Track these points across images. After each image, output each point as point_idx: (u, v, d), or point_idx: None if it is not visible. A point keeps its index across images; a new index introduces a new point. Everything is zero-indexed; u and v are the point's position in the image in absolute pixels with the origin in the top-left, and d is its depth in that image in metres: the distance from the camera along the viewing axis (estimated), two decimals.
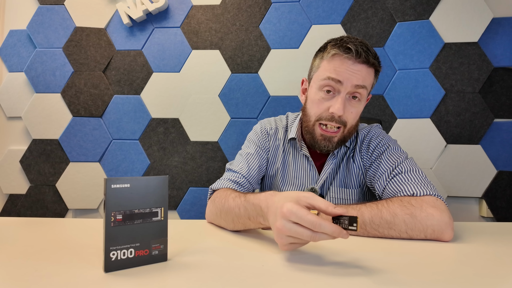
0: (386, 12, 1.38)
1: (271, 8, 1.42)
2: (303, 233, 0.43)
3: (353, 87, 0.72)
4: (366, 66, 0.72)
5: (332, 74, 0.73)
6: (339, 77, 0.72)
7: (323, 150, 0.79)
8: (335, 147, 0.78)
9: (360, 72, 0.72)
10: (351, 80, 0.71)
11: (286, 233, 0.44)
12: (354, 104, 0.75)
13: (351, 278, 0.40)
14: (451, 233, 0.57)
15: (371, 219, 0.60)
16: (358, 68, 0.72)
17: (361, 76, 0.72)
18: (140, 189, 0.44)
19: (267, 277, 0.40)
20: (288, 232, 0.44)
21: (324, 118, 0.75)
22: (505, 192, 1.28)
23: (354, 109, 0.75)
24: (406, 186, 0.67)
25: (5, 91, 1.45)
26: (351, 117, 0.75)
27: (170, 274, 0.41)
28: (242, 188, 0.78)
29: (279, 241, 0.46)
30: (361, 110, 0.78)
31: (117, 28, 1.45)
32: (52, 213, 1.42)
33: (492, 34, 1.31)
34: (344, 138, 0.78)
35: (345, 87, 0.72)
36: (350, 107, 0.74)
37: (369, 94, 0.82)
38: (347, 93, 0.73)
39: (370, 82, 0.76)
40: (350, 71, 0.71)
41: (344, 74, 0.72)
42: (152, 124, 1.43)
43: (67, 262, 0.45)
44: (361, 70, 0.72)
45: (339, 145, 0.79)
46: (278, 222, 0.45)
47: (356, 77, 0.72)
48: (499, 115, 1.31)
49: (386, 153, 0.77)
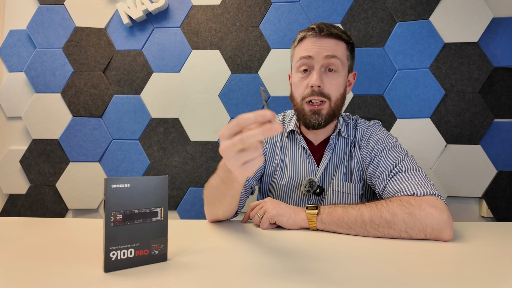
0: (386, 12, 1.38)
1: (271, 8, 1.43)
2: (238, 137, 0.42)
3: (324, 58, 0.78)
4: (333, 39, 0.79)
5: (303, 53, 0.80)
6: (309, 53, 0.79)
7: (315, 125, 0.81)
8: (325, 121, 0.81)
9: (328, 44, 0.78)
10: (321, 53, 0.78)
11: (229, 150, 0.43)
12: (332, 76, 0.79)
13: (351, 278, 0.40)
14: (450, 232, 0.58)
15: (371, 218, 0.60)
16: (324, 41, 0.79)
17: (330, 48, 0.78)
18: (140, 189, 0.44)
19: (267, 277, 0.40)
20: (229, 146, 0.43)
21: (307, 94, 0.80)
22: (505, 192, 1.28)
23: (333, 80, 0.79)
24: (406, 185, 0.67)
25: (5, 91, 1.45)
26: (333, 88, 0.80)
27: (170, 274, 0.41)
28: None
29: (231, 164, 0.44)
30: (341, 82, 0.81)
31: (117, 28, 1.45)
32: (52, 213, 1.42)
33: (492, 34, 1.31)
34: (333, 112, 0.81)
35: (317, 60, 0.78)
36: (328, 79, 0.79)
37: (351, 70, 0.86)
38: (321, 66, 0.79)
39: (343, 54, 0.80)
40: (317, 46, 0.78)
41: (313, 50, 0.78)
42: (152, 124, 1.43)
43: (67, 262, 0.45)
44: (328, 42, 0.79)
45: (330, 119, 0.81)
46: (219, 147, 0.45)
47: (325, 49, 0.78)
48: (499, 115, 1.31)
49: (386, 151, 0.77)
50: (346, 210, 0.63)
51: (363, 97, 1.38)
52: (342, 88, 0.82)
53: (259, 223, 0.69)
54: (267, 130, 0.40)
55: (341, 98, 0.82)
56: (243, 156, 0.43)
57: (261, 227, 0.68)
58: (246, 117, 0.41)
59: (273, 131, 0.41)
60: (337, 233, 0.63)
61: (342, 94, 0.82)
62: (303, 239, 0.59)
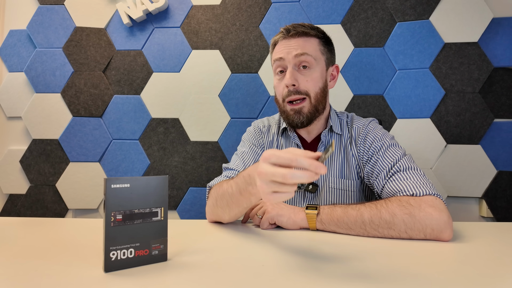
0: (386, 12, 1.38)
1: (271, 8, 1.43)
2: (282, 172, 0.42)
3: (294, 57, 0.80)
4: (302, 37, 0.81)
5: (276, 56, 0.83)
6: (280, 55, 0.81)
7: (298, 124, 0.82)
8: (307, 119, 0.81)
9: (296, 43, 0.80)
10: (290, 53, 0.80)
11: (267, 176, 0.44)
12: (305, 72, 0.81)
13: (351, 278, 0.40)
14: (450, 232, 0.57)
15: (370, 219, 0.60)
16: (292, 41, 0.81)
17: (298, 46, 0.80)
18: (140, 189, 0.44)
19: (267, 277, 0.40)
20: (269, 174, 0.44)
21: (285, 95, 0.81)
22: (505, 192, 1.28)
23: (308, 77, 0.81)
24: (405, 185, 0.67)
25: (5, 91, 1.45)
26: (310, 84, 0.81)
27: (170, 274, 0.41)
28: None
29: (262, 188, 0.45)
30: (317, 77, 0.82)
31: (117, 28, 1.45)
32: (52, 213, 1.42)
33: (492, 34, 1.31)
34: (315, 107, 0.82)
35: (288, 60, 0.80)
36: (302, 76, 0.81)
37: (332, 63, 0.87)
38: (293, 66, 0.80)
39: (314, 49, 0.81)
40: (287, 47, 0.81)
41: (283, 51, 0.81)
42: (152, 124, 1.43)
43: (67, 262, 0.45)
44: (296, 41, 0.81)
45: (312, 116, 0.82)
46: (259, 167, 0.45)
47: (294, 48, 0.80)
48: (499, 115, 1.31)
49: (383, 150, 0.77)
50: (345, 210, 0.63)
51: (363, 97, 1.38)
52: (321, 83, 0.82)
53: (259, 223, 0.69)
54: (311, 177, 0.42)
55: (321, 92, 0.82)
56: (277, 188, 0.44)
57: (261, 227, 0.68)
58: (301, 161, 0.42)
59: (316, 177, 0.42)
60: (337, 233, 0.63)
61: (321, 88, 0.82)
62: (302, 239, 0.59)
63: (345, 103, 1.39)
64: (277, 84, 0.84)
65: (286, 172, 0.42)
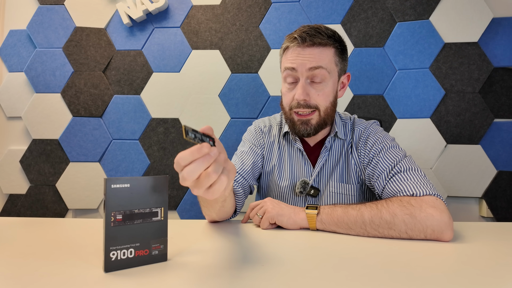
0: (386, 12, 1.38)
1: (271, 8, 1.42)
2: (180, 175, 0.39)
3: (308, 70, 0.75)
4: (317, 47, 0.75)
5: (287, 64, 0.77)
6: (292, 65, 0.76)
7: (305, 135, 0.80)
8: (314, 130, 0.79)
9: (311, 55, 0.75)
10: (304, 65, 0.75)
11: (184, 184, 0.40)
12: (318, 87, 0.77)
13: (351, 278, 0.40)
14: (450, 233, 0.57)
15: (371, 219, 0.60)
16: (307, 52, 0.75)
17: (313, 59, 0.75)
18: (140, 189, 0.44)
19: (267, 277, 0.40)
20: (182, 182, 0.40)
21: (293, 106, 0.78)
22: (505, 192, 1.28)
23: (320, 91, 0.77)
24: (405, 185, 0.66)
25: (5, 91, 1.45)
26: (321, 99, 0.77)
27: (170, 274, 0.41)
28: (236, 183, 0.79)
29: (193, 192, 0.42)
30: (329, 91, 0.79)
31: (117, 28, 1.45)
32: (52, 213, 1.42)
33: (492, 34, 1.31)
34: (324, 120, 0.80)
35: (301, 72, 0.76)
36: (314, 90, 0.77)
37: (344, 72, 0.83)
38: (306, 78, 0.76)
39: (329, 61, 0.77)
40: (301, 57, 0.75)
41: (296, 61, 0.75)
42: (152, 124, 1.43)
43: (67, 262, 0.45)
44: (311, 53, 0.75)
45: (319, 128, 0.80)
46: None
47: (308, 61, 0.75)
48: (499, 115, 1.31)
49: (384, 151, 0.77)
50: (346, 210, 0.63)
51: (363, 97, 1.38)
52: (332, 96, 0.79)
53: (259, 223, 0.69)
54: (206, 159, 0.39)
55: (331, 106, 0.80)
56: (200, 186, 0.40)
57: (261, 227, 0.68)
58: (182, 157, 0.39)
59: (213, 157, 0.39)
60: (337, 233, 0.63)
61: (332, 101, 0.80)
62: (303, 239, 0.59)
63: (345, 103, 1.39)
64: (286, 92, 0.80)
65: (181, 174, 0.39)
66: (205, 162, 0.39)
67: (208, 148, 0.39)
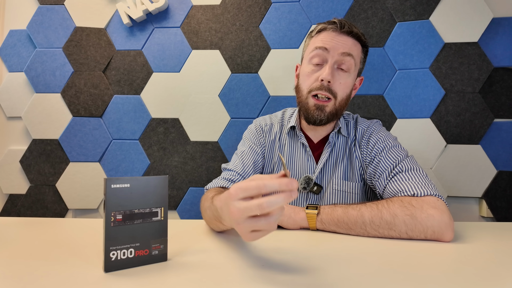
0: (386, 12, 1.38)
1: (271, 8, 1.42)
2: (256, 203, 0.37)
3: (340, 55, 0.76)
4: (351, 38, 0.78)
5: (319, 44, 0.78)
6: (325, 45, 0.77)
7: (317, 121, 0.80)
8: (327, 118, 0.80)
9: (346, 41, 0.77)
10: (337, 48, 0.76)
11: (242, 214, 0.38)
12: (343, 75, 0.78)
13: (351, 278, 0.40)
14: (451, 234, 0.57)
15: (371, 219, 0.60)
16: (343, 38, 0.77)
17: (347, 45, 0.77)
18: (140, 189, 0.44)
19: (267, 277, 0.40)
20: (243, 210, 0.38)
21: (315, 88, 0.78)
22: (505, 192, 1.28)
23: (343, 79, 0.78)
24: (406, 185, 0.66)
25: (5, 91, 1.45)
26: (341, 88, 0.78)
27: (170, 274, 0.41)
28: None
29: (239, 228, 0.40)
30: (349, 83, 0.80)
31: (117, 28, 1.45)
32: (52, 213, 1.42)
33: (492, 34, 1.31)
34: (336, 111, 0.80)
35: (332, 55, 0.77)
36: (338, 77, 0.78)
37: (360, 74, 0.85)
38: (335, 62, 0.77)
39: (357, 54, 0.79)
40: (335, 40, 0.77)
41: (330, 43, 0.77)
42: (152, 124, 1.43)
43: (67, 262, 0.45)
44: (346, 40, 0.77)
45: (332, 118, 0.81)
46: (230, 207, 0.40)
47: (342, 46, 0.76)
48: (499, 115, 1.31)
49: (386, 151, 0.77)
50: (346, 210, 0.63)
51: (363, 97, 1.38)
52: (349, 90, 0.81)
53: None
54: (289, 197, 0.37)
55: (346, 99, 0.81)
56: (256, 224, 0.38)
57: None
58: (269, 184, 0.37)
59: (293, 197, 0.37)
60: (337, 233, 0.63)
61: (347, 95, 0.81)
62: (303, 239, 0.59)
63: None
64: (309, 74, 0.80)
65: (261, 202, 0.37)
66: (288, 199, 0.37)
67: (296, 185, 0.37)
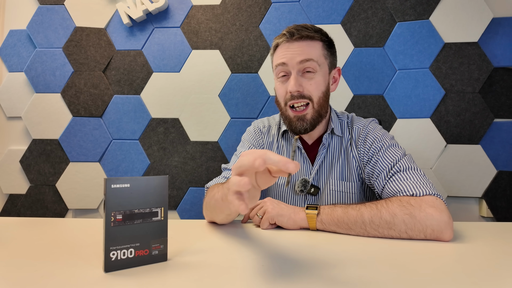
0: (386, 12, 1.38)
1: (271, 8, 1.42)
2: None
3: (298, 63, 0.77)
4: (305, 41, 0.78)
5: (278, 60, 0.80)
6: (283, 59, 0.78)
7: (301, 131, 0.81)
8: (310, 125, 0.80)
9: (300, 48, 0.77)
10: (294, 58, 0.77)
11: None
12: (309, 76, 0.78)
13: (351, 278, 0.40)
14: (450, 233, 0.57)
15: (370, 219, 0.60)
16: (296, 45, 0.78)
17: (303, 51, 0.77)
18: (140, 189, 0.44)
19: (267, 277, 0.40)
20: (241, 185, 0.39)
21: (288, 99, 0.79)
22: (505, 192, 1.28)
23: (312, 80, 0.79)
24: (405, 185, 0.66)
25: (5, 91, 1.45)
26: (313, 88, 0.79)
27: (170, 274, 0.41)
28: None
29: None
30: (320, 81, 0.80)
31: (117, 28, 1.45)
32: (52, 213, 1.42)
33: (492, 34, 1.31)
34: (318, 114, 0.81)
35: (292, 66, 0.78)
36: (306, 80, 0.78)
37: (334, 67, 0.85)
38: (297, 71, 0.78)
39: (318, 54, 0.79)
40: (290, 51, 0.78)
41: (286, 56, 0.78)
42: (152, 124, 1.43)
43: (67, 262, 0.45)
44: (300, 46, 0.78)
45: (315, 122, 0.81)
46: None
47: (297, 54, 0.77)
48: (499, 115, 1.31)
49: (383, 150, 0.77)
50: (346, 210, 0.63)
51: (363, 97, 1.38)
52: (323, 86, 0.81)
53: (259, 223, 0.69)
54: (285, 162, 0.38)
55: (324, 96, 0.81)
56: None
57: (261, 227, 0.68)
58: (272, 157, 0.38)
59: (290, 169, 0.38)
60: (337, 233, 0.63)
61: (324, 92, 0.81)
62: (303, 239, 0.59)
63: (345, 103, 1.39)
64: (279, 87, 0.82)
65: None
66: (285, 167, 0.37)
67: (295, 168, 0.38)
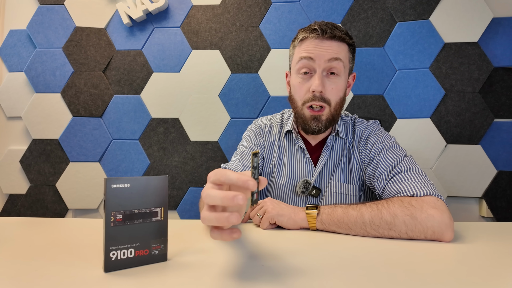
0: (386, 12, 1.38)
1: (271, 8, 1.42)
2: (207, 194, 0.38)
3: (326, 61, 0.75)
4: (335, 41, 0.76)
5: (304, 54, 0.77)
6: (310, 54, 0.76)
7: (315, 131, 0.80)
8: (325, 126, 0.80)
9: (330, 47, 0.76)
10: (323, 56, 0.75)
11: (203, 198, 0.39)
12: (333, 80, 0.77)
13: (351, 278, 0.40)
14: (451, 234, 0.57)
15: (371, 219, 0.60)
16: (327, 44, 0.76)
17: (332, 50, 0.76)
18: (140, 189, 0.44)
19: (267, 277, 0.40)
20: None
21: (308, 99, 0.78)
22: (505, 192, 1.28)
23: (334, 85, 0.77)
24: (406, 186, 0.66)
25: (5, 91, 1.45)
26: (333, 93, 0.78)
27: (170, 274, 0.41)
28: None
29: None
30: (342, 86, 0.79)
31: (117, 28, 1.45)
32: (52, 213, 1.42)
33: (492, 34, 1.31)
34: (333, 117, 0.80)
35: (319, 63, 0.76)
36: (329, 83, 0.77)
37: (351, 72, 0.84)
38: (323, 70, 0.76)
39: (345, 56, 0.78)
40: (319, 48, 0.75)
41: (314, 51, 0.75)
42: (152, 124, 1.43)
43: (67, 262, 0.45)
44: (330, 45, 0.76)
45: (329, 125, 0.81)
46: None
47: (327, 52, 0.75)
48: (499, 115, 1.31)
49: (384, 151, 0.77)
50: (346, 210, 0.63)
51: (363, 97, 1.38)
52: (342, 92, 0.80)
53: (259, 223, 0.69)
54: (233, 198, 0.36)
55: (340, 102, 0.80)
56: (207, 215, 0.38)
57: (261, 227, 0.68)
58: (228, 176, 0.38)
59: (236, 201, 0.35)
60: (337, 233, 0.63)
61: (341, 97, 0.80)
62: (303, 239, 0.59)
63: (345, 103, 1.38)
64: (299, 85, 0.79)
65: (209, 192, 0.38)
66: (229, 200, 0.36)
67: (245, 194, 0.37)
